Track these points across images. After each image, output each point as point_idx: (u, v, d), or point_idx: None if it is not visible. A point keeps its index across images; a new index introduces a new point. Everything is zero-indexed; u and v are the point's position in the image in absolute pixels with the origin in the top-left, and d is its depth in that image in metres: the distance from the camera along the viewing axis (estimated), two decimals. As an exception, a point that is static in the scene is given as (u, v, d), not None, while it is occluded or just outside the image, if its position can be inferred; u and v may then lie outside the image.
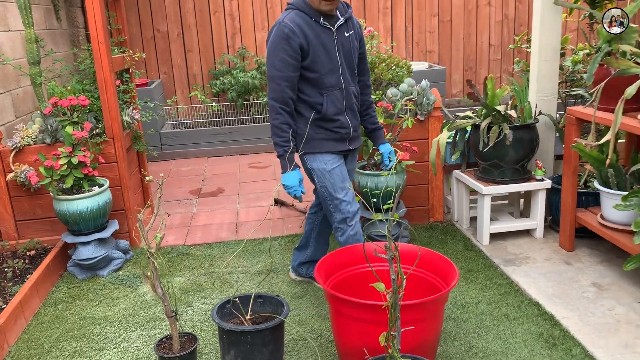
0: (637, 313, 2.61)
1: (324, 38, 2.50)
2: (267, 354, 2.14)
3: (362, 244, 2.42)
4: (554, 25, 3.41)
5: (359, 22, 2.74)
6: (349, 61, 2.61)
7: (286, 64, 2.45)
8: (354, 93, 2.66)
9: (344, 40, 2.57)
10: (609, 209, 2.92)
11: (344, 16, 2.58)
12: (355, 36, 2.64)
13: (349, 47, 2.59)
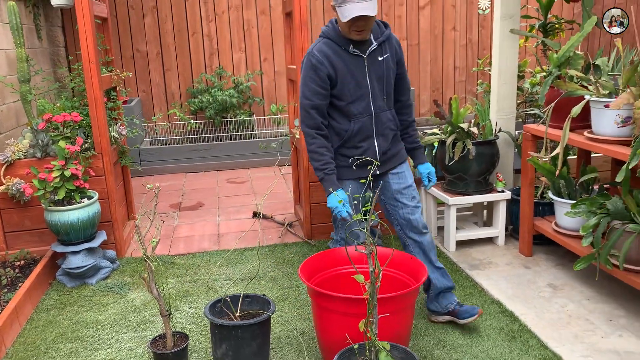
0: (586, 309, 2.91)
1: (352, 66, 2.50)
2: (255, 347, 2.34)
3: (342, 248, 2.65)
4: (512, 51, 3.76)
5: (398, 44, 2.65)
6: (382, 86, 2.57)
7: (315, 92, 2.51)
8: (389, 117, 2.62)
9: (376, 65, 2.54)
10: (562, 216, 3.23)
11: (378, 39, 2.54)
12: (392, 58, 2.59)
13: (382, 72, 2.55)
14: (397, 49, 2.64)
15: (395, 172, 2.70)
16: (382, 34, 2.57)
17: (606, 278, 3.17)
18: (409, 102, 2.75)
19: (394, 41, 2.62)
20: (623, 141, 2.67)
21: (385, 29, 2.59)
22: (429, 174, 2.78)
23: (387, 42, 2.59)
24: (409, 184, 2.71)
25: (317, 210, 3.93)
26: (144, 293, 3.28)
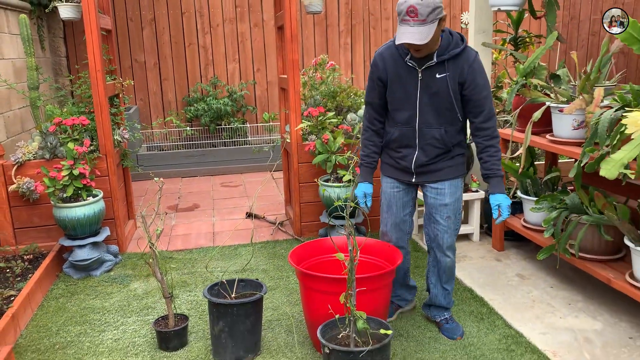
0: (548, 295, 3.22)
1: (405, 76, 2.50)
2: (249, 324, 2.62)
3: (326, 238, 2.94)
4: (485, 63, 4.07)
5: (473, 65, 2.46)
6: (435, 103, 2.50)
7: (370, 89, 2.63)
8: (434, 135, 2.55)
9: (431, 81, 2.47)
10: (529, 212, 3.55)
11: (441, 57, 2.43)
12: (453, 78, 2.46)
13: (437, 89, 2.48)
14: (466, 70, 2.44)
15: (435, 187, 2.66)
16: (449, 51, 2.44)
17: (568, 268, 3.48)
18: (483, 126, 2.53)
19: (462, 61, 2.45)
20: (578, 142, 2.99)
21: (456, 48, 2.45)
22: (499, 206, 2.56)
23: (452, 61, 2.45)
24: (445, 202, 2.64)
25: (307, 209, 4.22)
26: (145, 283, 3.55)
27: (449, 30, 2.49)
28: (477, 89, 2.47)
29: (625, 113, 2.43)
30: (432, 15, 2.27)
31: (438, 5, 2.29)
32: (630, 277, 2.75)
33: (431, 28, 2.27)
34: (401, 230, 2.80)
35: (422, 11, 2.25)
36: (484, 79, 2.49)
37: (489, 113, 2.52)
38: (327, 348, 2.17)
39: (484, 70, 2.50)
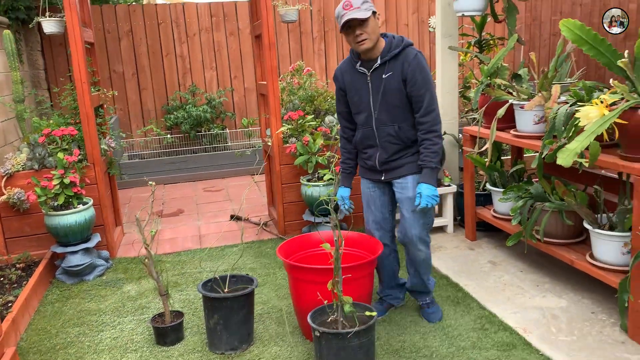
0: (518, 278, 3.47)
1: (358, 81, 2.75)
2: (242, 316, 2.80)
3: (311, 233, 3.14)
4: (452, 65, 4.34)
5: (412, 63, 2.63)
6: (387, 102, 2.69)
7: (337, 100, 2.91)
8: (389, 132, 2.73)
9: (378, 82, 2.68)
10: (497, 203, 3.80)
11: (383, 58, 2.65)
12: (397, 76, 2.64)
13: (385, 89, 2.67)
14: (406, 67, 2.63)
15: (400, 182, 2.80)
16: (390, 52, 2.65)
17: (536, 253, 3.74)
18: (421, 120, 2.68)
19: (402, 60, 2.64)
20: (539, 136, 3.25)
21: (396, 49, 2.65)
22: (420, 194, 2.70)
23: (394, 61, 2.65)
24: (409, 195, 2.77)
25: (290, 209, 4.41)
26: (138, 285, 3.69)
27: (392, 35, 2.73)
28: (416, 85, 2.63)
29: (579, 107, 2.68)
30: (366, 5, 2.57)
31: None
32: (590, 258, 3.01)
33: (366, 13, 2.54)
34: (383, 228, 2.99)
35: (355, 2, 2.56)
36: (423, 76, 2.64)
37: (427, 108, 2.66)
38: (317, 332, 2.36)
39: (424, 68, 2.66)
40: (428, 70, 2.70)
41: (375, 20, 2.64)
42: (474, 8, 3.79)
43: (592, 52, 2.65)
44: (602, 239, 2.87)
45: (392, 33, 2.78)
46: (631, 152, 2.60)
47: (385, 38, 2.71)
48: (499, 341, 2.76)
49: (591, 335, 2.77)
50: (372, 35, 2.61)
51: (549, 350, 2.65)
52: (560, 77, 3.39)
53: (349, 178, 3.02)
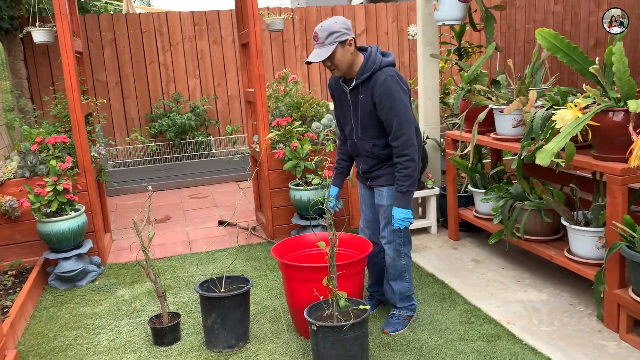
0: (500, 275, 3.63)
1: (341, 96, 2.89)
2: (239, 314, 2.89)
3: (302, 235, 3.25)
4: (433, 72, 4.52)
5: (378, 86, 2.69)
6: (362, 121, 2.80)
7: (334, 106, 3.02)
8: (365, 148, 2.86)
9: (356, 101, 2.79)
10: (479, 203, 3.97)
11: (358, 80, 2.73)
12: (368, 98, 2.73)
13: (361, 108, 2.77)
14: (375, 93, 2.69)
15: (377, 190, 2.95)
16: (363, 75, 2.72)
17: (517, 251, 3.92)
18: (392, 144, 2.74)
19: (372, 84, 2.71)
20: (518, 139, 3.42)
21: (368, 72, 2.71)
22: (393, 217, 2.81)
23: (366, 84, 2.73)
24: (382, 203, 2.91)
25: (278, 213, 4.52)
26: (131, 290, 3.76)
27: (371, 51, 2.76)
28: (384, 110, 2.70)
29: (555, 111, 2.86)
30: (330, 39, 2.63)
31: (336, 30, 2.64)
32: (568, 253, 3.18)
33: (328, 49, 2.63)
34: (372, 228, 3.11)
35: (320, 35, 2.65)
36: (391, 101, 2.67)
37: (395, 133, 2.70)
38: (314, 326, 2.48)
39: (393, 93, 2.67)
40: (398, 95, 2.69)
41: (344, 49, 2.67)
42: (453, 17, 3.97)
43: (565, 59, 2.84)
44: (579, 234, 3.04)
45: (374, 46, 2.83)
46: (603, 152, 2.78)
47: (364, 54, 2.77)
48: (485, 333, 2.91)
49: (570, 325, 2.93)
50: (341, 64, 2.71)
51: (531, 340, 2.80)
52: (536, 82, 3.57)
53: (339, 178, 3.16)
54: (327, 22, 2.68)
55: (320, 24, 2.69)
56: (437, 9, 4.03)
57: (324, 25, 2.67)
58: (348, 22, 2.72)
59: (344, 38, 2.66)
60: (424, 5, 4.41)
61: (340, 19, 2.71)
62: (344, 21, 2.70)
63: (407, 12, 8.04)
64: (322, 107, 4.74)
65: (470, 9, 4.15)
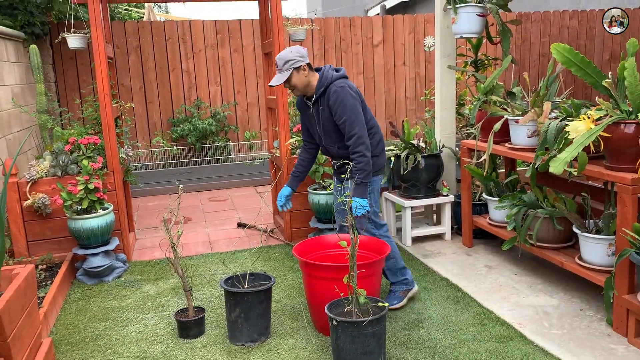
0: (513, 280, 3.74)
1: (306, 110, 3.33)
2: (262, 310, 3.04)
3: (326, 235, 3.40)
4: (450, 83, 4.65)
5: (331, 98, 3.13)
6: (325, 129, 3.23)
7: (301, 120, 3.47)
8: (334, 151, 3.30)
9: (317, 113, 3.24)
10: (493, 211, 4.09)
11: (315, 95, 3.21)
12: (326, 109, 3.19)
13: (322, 119, 3.22)
14: (330, 103, 3.14)
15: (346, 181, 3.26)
16: (318, 91, 3.19)
17: (529, 258, 4.02)
18: (347, 143, 3.17)
19: (327, 98, 3.17)
20: (532, 148, 3.55)
21: (322, 88, 3.17)
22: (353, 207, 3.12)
23: (321, 98, 3.21)
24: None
25: (296, 216, 4.67)
26: (156, 286, 3.91)
27: (325, 70, 3.20)
28: (337, 115, 3.16)
29: (568, 122, 2.98)
30: (286, 66, 3.12)
31: (291, 58, 3.11)
32: (579, 260, 3.29)
33: (285, 75, 3.13)
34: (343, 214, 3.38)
35: (278, 63, 3.15)
36: (342, 107, 3.11)
37: (348, 133, 3.15)
38: (334, 321, 2.61)
39: (343, 100, 3.11)
40: (347, 101, 3.12)
41: (299, 74, 3.15)
42: (471, 31, 4.11)
43: (579, 72, 2.97)
44: (590, 242, 3.15)
45: (328, 65, 3.27)
46: (615, 163, 2.90)
47: (319, 73, 3.22)
48: (497, 334, 3.03)
49: (580, 328, 3.04)
50: (298, 85, 3.20)
51: (542, 342, 2.91)
52: (550, 95, 3.70)
53: (295, 181, 3.52)
54: (284, 52, 3.15)
55: (279, 54, 3.16)
56: (456, 22, 4.17)
57: (281, 54, 3.14)
58: (303, 51, 3.18)
59: (298, 65, 3.14)
60: (442, 19, 4.56)
61: (295, 49, 3.16)
62: (299, 50, 3.16)
63: (424, 24, 8.19)
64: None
65: (487, 22, 4.29)
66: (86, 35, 4.31)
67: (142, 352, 3.01)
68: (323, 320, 2.97)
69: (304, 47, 3.23)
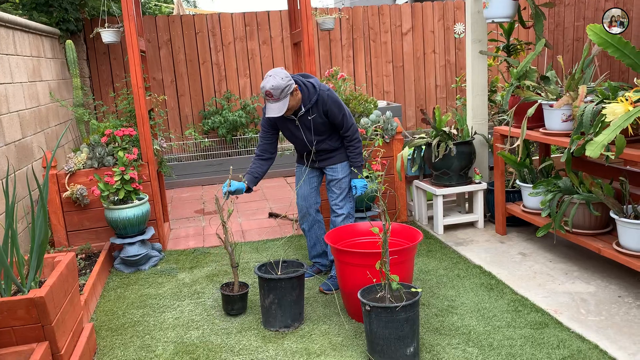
0: (547, 267, 3.68)
1: (287, 123, 3.48)
2: (295, 295, 3.07)
3: (356, 224, 3.41)
4: (482, 69, 4.59)
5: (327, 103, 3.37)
6: (319, 132, 3.45)
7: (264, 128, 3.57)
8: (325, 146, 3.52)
9: (306, 122, 3.42)
10: (527, 197, 4.03)
11: (306, 106, 3.37)
12: (319, 114, 3.40)
13: (313, 124, 3.42)
14: (324, 108, 3.38)
15: (331, 168, 3.59)
16: (311, 101, 3.36)
17: (564, 245, 3.96)
18: (344, 135, 3.50)
19: (320, 104, 3.38)
20: (567, 133, 3.48)
21: (313, 97, 3.36)
22: (355, 186, 3.55)
23: (315, 106, 3.39)
24: (337, 177, 3.57)
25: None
26: (191, 274, 3.99)
27: (308, 86, 3.37)
28: (333, 116, 3.42)
29: (605, 105, 2.91)
30: (283, 94, 3.21)
31: (285, 85, 3.19)
32: (617, 246, 3.22)
33: (285, 102, 3.23)
34: (307, 200, 3.68)
35: (275, 93, 3.20)
36: (336, 106, 3.41)
37: (346, 127, 3.48)
38: (367, 306, 2.62)
39: (334, 100, 3.40)
40: (338, 99, 3.44)
41: (293, 96, 3.27)
42: (503, 15, 4.04)
43: (617, 54, 2.89)
44: (628, 227, 3.08)
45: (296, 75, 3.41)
46: (654, 145, 2.82)
47: (300, 88, 3.34)
48: (532, 321, 2.99)
49: (618, 315, 2.98)
50: (294, 106, 3.33)
51: (579, 329, 2.87)
52: (585, 79, 3.61)
53: (250, 180, 3.63)
54: (275, 80, 3.18)
55: (271, 84, 3.18)
56: (487, 6, 4.11)
57: (275, 84, 3.17)
58: (286, 72, 3.26)
59: (292, 89, 3.25)
60: (473, 4, 4.49)
61: (282, 73, 3.22)
62: (285, 74, 3.24)
63: (454, 11, 8.08)
64: (370, 103, 4.87)
65: (520, 6, 4.20)
66: (119, 29, 4.40)
67: (179, 337, 3.09)
68: (356, 306, 2.99)
69: (281, 68, 3.34)
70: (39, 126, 4.94)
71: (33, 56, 5.05)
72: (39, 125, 4.94)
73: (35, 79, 5.00)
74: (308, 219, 3.70)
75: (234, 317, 3.27)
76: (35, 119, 4.80)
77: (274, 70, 3.27)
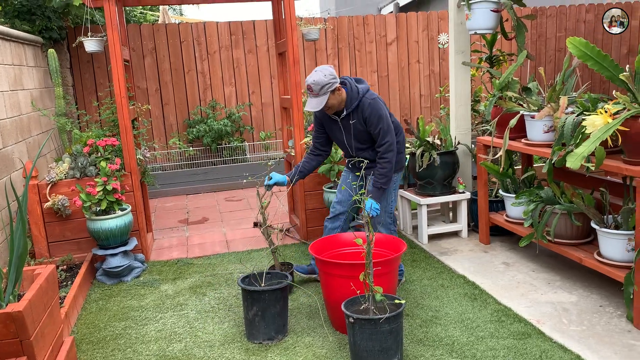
0: (530, 277, 3.71)
1: (332, 124, 3.51)
2: (279, 307, 3.05)
3: (340, 234, 3.41)
4: (465, 79, 4.63)
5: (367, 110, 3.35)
6: (358, 138, 3.44)
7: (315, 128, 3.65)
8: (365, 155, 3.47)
9: (348, 125, 3.43)
10: (510, 207, 4.06)
11: (348, 110, 3.38)
12: (359, 121, 3.39)
13: (354, 129, 3.42)
14: (363, 115, 3.37)
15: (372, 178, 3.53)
16: (352, 105, 3.38)
17: (547, 255, 3.99)
18: (377, 149, 3.43)
19: (360, 110, 3.38)
20: (548, 144, 3.52)
21: (355, 102, 3.37)
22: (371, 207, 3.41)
23: (355, 112, 3.40)
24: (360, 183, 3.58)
25: (312, 215, 4.68)
26: (174, 285, 3.95)
27: (350, 83, 3.37)
28: (372, 125, 3.39)
29: (585, 117, 2.95)
30: (323, 90, 3.23)
31: (327, 82, 3.22)
32: (597, 256, 3.25)
33: (323, 99, 3.25)
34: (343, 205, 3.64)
35: (315, 88, 3.23)
36: (377, 117, 3.36)
37: (381, 141, 3.40)
38: (351, 318, 2.61)
39: (376, 110, 3.36)
40: (382, 112, 3.37)
41: (335, 95, 3.29)
42: (485, 26, 4.09)
43: (596, 67, 2.93)
44: (609, 237, 3.12)
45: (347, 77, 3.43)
46: (633, 157, 2.87)
47: (345, 88, 3.35)
48: (515, 331, 3.01)
49: (600, 325, 3.01)
50: (335, 105, 3.34)
51: (561, 339, 2.89)
52: (567, 90, 3.66)
53: (297, 177, 3.64)
54: (318, 76, 3.23)
55: (313, 79, 3.23)
56: (470, 18, 4.15)
57: (317, 79, 3.21)
58: (333, 71, 3.28)
59: (334, 87, 3.26)
60: (456, 15, 4.53)
61: (327, 70, 3.25)
62: (331, 71, 3.26)
63: (438, 21, 8.15)
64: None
65: (502, 18, 4.26)
66: (103, 38, 4.37)
67: (161, 350, 3.05)
68: (340, 318, 2.98)
69: (330, 65, 3.34)
70: (20, 135, 4.88)
71: (15, 64, 5.00)
72: (20, 135, 4.88)
73: (17, 87, 4.95)
74: (335, 222, 3.67)
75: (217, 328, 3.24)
76: (16, 129, 4.74)
77: (321, 66, 3.32)
